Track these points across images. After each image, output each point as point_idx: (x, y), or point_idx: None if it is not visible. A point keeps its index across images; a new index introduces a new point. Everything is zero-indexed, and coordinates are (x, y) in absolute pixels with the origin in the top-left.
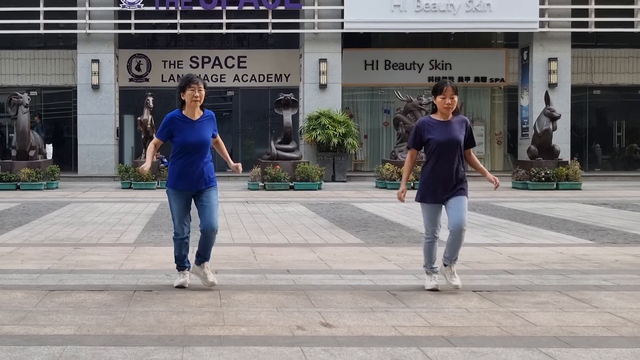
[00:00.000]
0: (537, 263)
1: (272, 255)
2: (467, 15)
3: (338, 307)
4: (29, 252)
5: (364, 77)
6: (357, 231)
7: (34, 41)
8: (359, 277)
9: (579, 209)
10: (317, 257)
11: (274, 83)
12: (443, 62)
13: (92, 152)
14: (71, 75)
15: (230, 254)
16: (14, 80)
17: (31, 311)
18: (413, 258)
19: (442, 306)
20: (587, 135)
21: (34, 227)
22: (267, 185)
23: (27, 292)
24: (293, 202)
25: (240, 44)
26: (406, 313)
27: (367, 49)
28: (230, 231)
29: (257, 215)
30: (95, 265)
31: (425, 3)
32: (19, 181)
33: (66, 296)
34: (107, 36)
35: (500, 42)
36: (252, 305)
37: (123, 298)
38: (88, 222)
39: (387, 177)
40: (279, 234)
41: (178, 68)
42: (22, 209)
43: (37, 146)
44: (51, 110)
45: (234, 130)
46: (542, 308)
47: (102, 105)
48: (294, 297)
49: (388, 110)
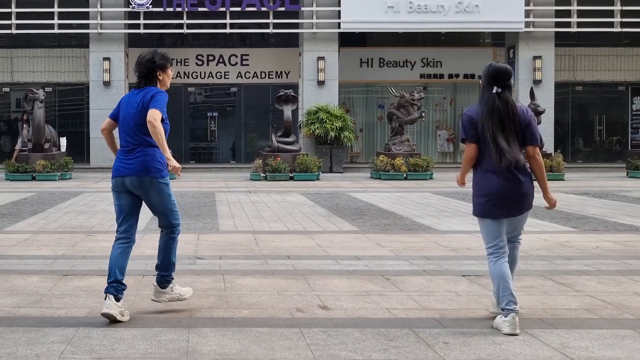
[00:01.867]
0: (522, 249)
1: (273, 242)
2: (456, 16)
3: (335, 290)
4: (44, 239)
5: (360, 74)
6: (353, 219)
7: (49, 40)
8: (355, 263)
9: (562, 198)
10: (316, 244)
11: (275, 80)
12: (434, 60)
13: (104, 145)
14: (84, 72)
15: (234, 241)
16: (30, 77)
17: (46, 294)
18: (406, 244)
19: (434, 290)
20: (570, 129)
21: (49, 215)
22: (269, 176)
23: (42, 277)
24: (293, 192)
25: (243, 42)
26: (399, 296)
27: (362, 48)
28: (233, 219)
29: (259, 204)
30: (106, 251)
31: (417, 4)
32: (35, 172)
33: (79, 280)
34: (117, 35)
35: (488, 41)
36: (254, 289)
37: (133, 282)
38: (99, 210)
39: (381, 168)
40: (279, 222)
41: (184, 66)
42: (38, 199)
43: (51, 139)
44: (65, 105)
45: (237, 124)
46: (527, 292)
47: (113, 101)
48: (293, 282)
49: (382, 106)
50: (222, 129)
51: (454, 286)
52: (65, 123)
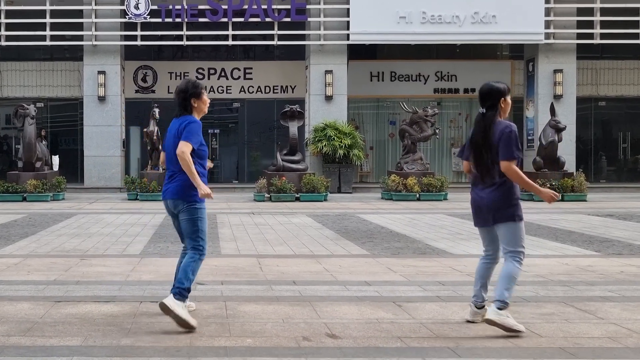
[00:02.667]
0: (542, 274)
1: (278, 267)
2: (472, 27)
3: (344, 318)
4: (36, 263)
5: (370, 88)
6: (362, 242)
7: (40, 53)
8: (365, 289)
9: (584, 220)
10: (323, 269)
11: (280, 94)
12: (449, 73)
13: (99, 164)
14: (77, 86)
15: (237, 265)
16: (20, 91)
17: (37, 322)
18: (419, 269)
19: (448, 317)
20: (592, 147)
21: (41, 238)
22: (273, 196)
23: (34, 303)
24: (299, 213)
25: (246, 55)
26: (412, 324)
27: (372, 61)
28: (236, 242)
29: (263, 227)
30: (101, 276)
31: (431, 15)
32: (25, 192)
33: (72, 307)
34: (113, 48)
35: (505, 54)
36: (258, 316)
37: (129, 309)
38: (94, 233)
39: (392, 188)
40: (284, 245)
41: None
42: (29, 221)
43: (43, 157)
44: (57, 121)
45: (240, 141)
46: (547, 319)
47: (108, 117)
48: (299, 309)
49: (394, 122)
50: (224, 146)
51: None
52: (57, 140)
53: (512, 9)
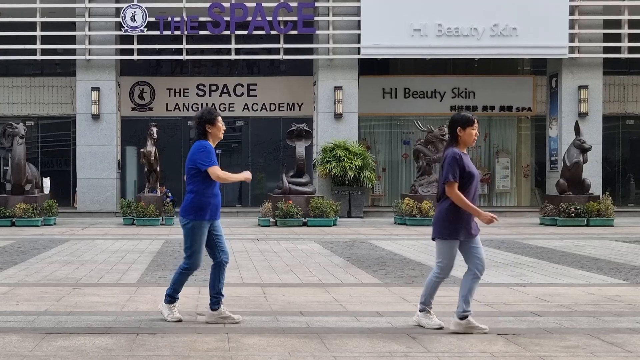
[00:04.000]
0: (566, 304)
1: (284, 296)
2: (491, 40)
3: (354, 351)
4: (25, 292)
5: (382, 106)
6: (374, 270)
7: (30, 68)
8: (377, 319)
9: (611, 246)
10: (332, 298)
11: (286, 112)
12: (466, 90)
13: (92, 186)
14: (70, 104)
15: (240, 295)
16: (8, 109)
17: (27, 355)
18: (434, 299)
19: (465, 350)
20: (620, 168)
21: (30, 266)
22: (279, 221)
23: (23, 336)
24: (306, 239)
25: (250, 70)
26: (427, 358)
27: (385, 76)
28: (239, 270)
29: (268, 254)
30: (95, 306)
31: (447, 27)
32: (14, 217)
33: (64, 340)
34: (108, 62)
35: (527, 69)
36: (263, 349)
37: (125, 342)
38: (88, 260)
39: (406, 212)
40: (291, 273)
41: (184, 96)
42: (18, 247)
43: (33, 179)
44: (48, 141)
45: (244, 162)
46: (572, 352)
47: (103, 136)
48: (307, 341)
49: (408, 142)
50: (227, 168)
51: (488, 346)
52: (48, 161)
53: (534, 22)
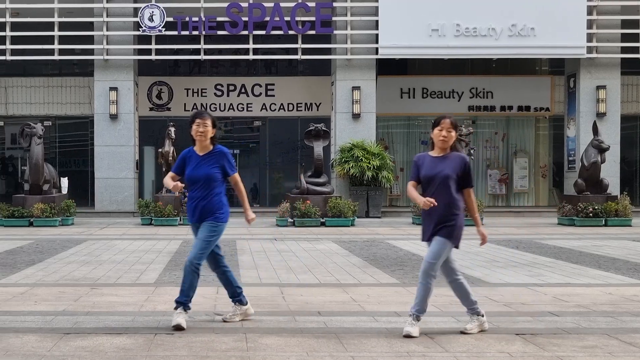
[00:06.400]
0: (584, 304)
1: (302, 296)
2: (509, 40)
3: (372, 351)
4: (43, 292)
5: (400, 106)
6: (392, 270)
7: (48, 68)
8: (395, 320)
9: (629, 246)
10: (350, 298)
11: (304, 112)
12: (484, 90)
13: (110, 186)
14: (87, 104)
15: (258, 295)
16: (26, 109)
17: (45, 355)
18: (452, 299)
19: (483, 350)
20: (638, 168)
21: (48, 266)
22: (297, 221)
23: (41, 336)
24: (324, 239)
25: (268, 70)
26: (445, 357)
27: (403, 76)
28: (257, 270)
29: (286, 254)
30: (113, 306)
31: (465, 27)
32: (32, 217)
33: (82, 340)
34: (126, 62)
35: (545, 69)
36: (281, 349)
37: (143, 342)
38: (105, 260)
39: None
40: (309, 273)
41: (202, 96)
42: (36, 247)
43: (51, 179)
44: (66, 141)
45: (262, 162)
46: (589, 352)
47: (121, 136)
48: (325, 341)
49: (426, 142)
50: (244, 168)
51: (506, 346)
52: (66, 161)
53: (552, 22)
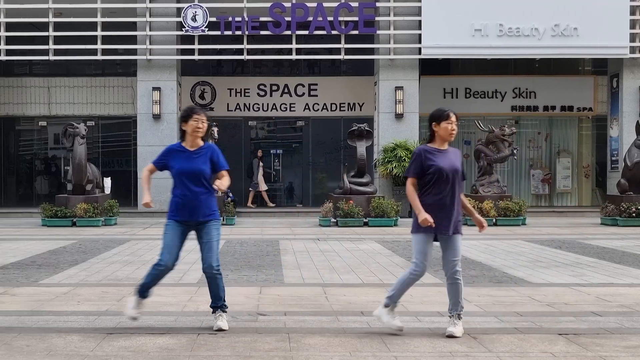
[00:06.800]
0: (627, 304)
1: (345, 296)
2: (552, 40)
3: (415, 351)
4: (86, 292)
5: (443, 106)
6: (435, 270)
7: (91, 68)
8: (438, 320)
9: None
10: None
11: (347, 112)
12: (527, 90)
13: (153, 186)
14: (130, 104)
15: (301, 295)
16: (69, 109)
17: (88, 355)
18: (495, 299)
19: (526, 350)
20: None
21: (91, 266)
22: (340, 221)
23: (84, 336)
24: (367, 239)
25: (311, 70)
26: (488, 357)
27: (446, 76)
28: (300, 270)
29: (329, 254)
30: (156, 306)
31: (508, 27)
32: (75, 217)
33: (125, 340)
34: (169, 62)
35: (588, 69)
36: (324, 349)
37: (186, 342)
38: (149, 260)
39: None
40: (352, 273)
41: (245, 96)
42: (79, 247)
43: (94, 180)
44: (109, 141)
45: (304, 162)
46: (632, 352)
47: (164, 136)
48: (368, 341)
49: (469, 142)
50: (288, 168)
51: (549, 346)
52: (109, 161)
53: (595, 22)
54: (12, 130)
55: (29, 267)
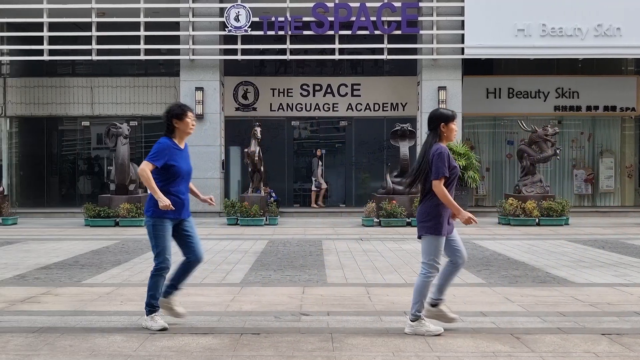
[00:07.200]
0: None
1: (388, 296)
2: (595, 40)
3: (458, 351)
4: (129, 292)
5: (486, 106)
6: (478, 270)
7: (134, 68)
8: (481, 320)
9: None
10: None
11: (390, 112)
12: (570, 90)
13: (196, 186)
14: None
15: (344, 295)
16: (112, 109)
17: (131, 355)
18: (538, 299)
19: (569, 350)
20: None
21: (134, 266)
22: (383, 221)
23: (127, 336)
24: (410, 239)
25: (354, 70)
26: (530, 357)
27: (489, 76)
28: (343, 270)
29: (372, 254)
30: (199, 306)
31: (551, 27)
32: (118, 217)
33: (168, 340)
34: (212, 62)
35: (631, 69)
36: (367, 349)
37: (229, 342)
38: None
39: (510, 212)
40: (395, 273)
41: (287, 96)
42: (122, 247)
43: (137, 180)
44: (152, 141)
45: (347, 162)
46: None
47: (207, 136)
48: (410, 341)
49: (512, 142)
50: (330, 168)
51: (592, 346)
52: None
53: (638, 22)
54: (55, 131)
55: (72, 267)
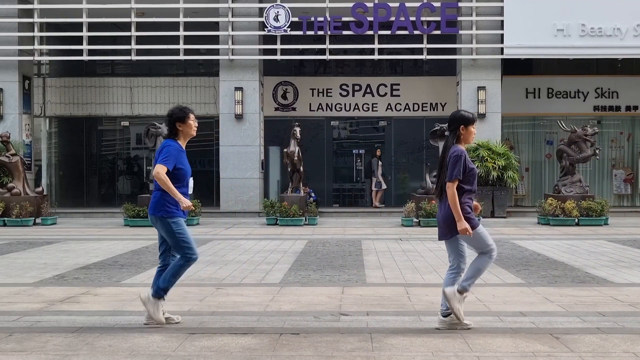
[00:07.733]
0: None
1: (428, 296)
2: (635, 40)
3: (497, 351)
4: (168, 292)
5: (525, 106)
6: (517, 270)
7: (173, 68)
8: (520, 319)
9: None
10: (475, 298)
11: (429, 112)
12: (609, 90)
13: (235, 186)
14: (213, 104)
15: (383, 295)
16: (152, 109)
17: (170, 355)
18: (577, 299)
19: (609, 350)
20: None
21: None
22: (422, 221)
23: (166, 336)
24: None
25: (393, 70)
26: (570, 357)
27: (528, 76)
28: (382, 270)
29: (411, 254)
30: (238, 306)
31: (590, 27)
32: None
33: (207, 340)
34: (251, 62)
35: None
36: (406, 349)
37: (268, 342)
38: (231, 260)
39: (550, 212)
40: (434, 273)
41: (327, 96)
42: None
43: None
44: (191, 141)
45: (387, 162)
46: None
47: (246, 136)
48: (450, 341)
49: (551, 142)
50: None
51: (632, 346)
52: (191, 161)
53: None
54: (94, 130)
55: (112, 267)
